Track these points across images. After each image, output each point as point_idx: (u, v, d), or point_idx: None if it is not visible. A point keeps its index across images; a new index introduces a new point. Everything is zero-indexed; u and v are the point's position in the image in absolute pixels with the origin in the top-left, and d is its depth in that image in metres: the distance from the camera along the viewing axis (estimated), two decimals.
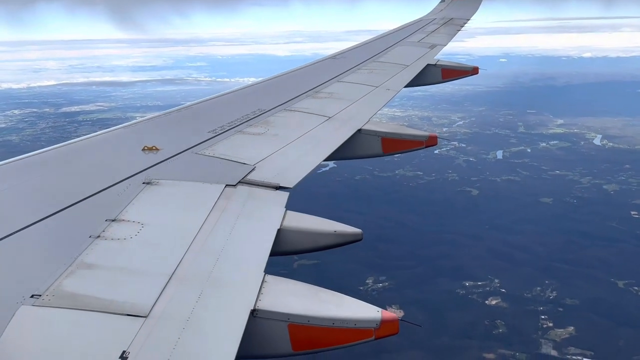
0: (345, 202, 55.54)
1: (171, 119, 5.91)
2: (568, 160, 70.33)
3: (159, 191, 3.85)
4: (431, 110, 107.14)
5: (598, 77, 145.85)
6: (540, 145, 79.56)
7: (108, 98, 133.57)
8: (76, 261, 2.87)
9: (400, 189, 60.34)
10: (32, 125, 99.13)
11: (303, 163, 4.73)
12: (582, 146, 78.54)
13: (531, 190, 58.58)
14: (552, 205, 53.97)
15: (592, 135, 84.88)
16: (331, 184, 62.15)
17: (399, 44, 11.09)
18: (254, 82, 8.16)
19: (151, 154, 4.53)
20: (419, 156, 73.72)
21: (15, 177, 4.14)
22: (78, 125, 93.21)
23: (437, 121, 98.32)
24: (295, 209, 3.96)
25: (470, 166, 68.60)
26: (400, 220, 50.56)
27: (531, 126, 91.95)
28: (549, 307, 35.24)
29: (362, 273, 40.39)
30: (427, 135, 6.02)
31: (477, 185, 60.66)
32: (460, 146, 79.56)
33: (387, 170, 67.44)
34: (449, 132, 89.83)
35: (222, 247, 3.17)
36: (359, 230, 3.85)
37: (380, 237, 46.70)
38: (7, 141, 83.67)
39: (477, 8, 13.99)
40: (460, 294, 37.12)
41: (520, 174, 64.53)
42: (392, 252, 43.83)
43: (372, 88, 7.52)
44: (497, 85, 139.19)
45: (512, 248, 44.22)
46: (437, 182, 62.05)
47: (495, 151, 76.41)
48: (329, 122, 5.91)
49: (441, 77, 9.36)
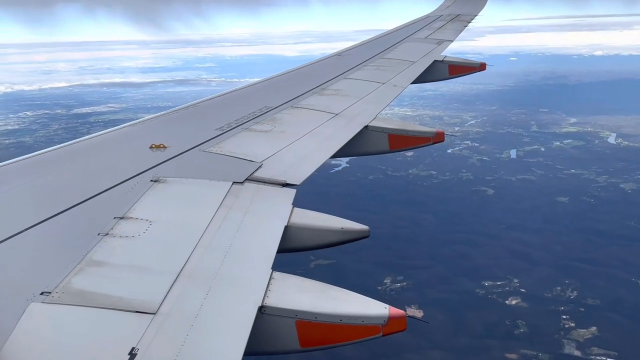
0: (359, 202, 55.40)
1: (178, 116, 5.92)
2: (583, 159, 69.67)
3: (166, 189, 3.85)
4: (442, 110, 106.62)
5: (610, 75, 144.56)
6: (554, 144, 78.89)
7: (119, 99, 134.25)
8: (85, 258, 2.88)
9: (414, 188, 60.05)
10: (45, 126, 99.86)
11: (310, 160, 4.72)
12: (597, 145, 77.76)
13: (547, 189, 58.09)
14: (568, 205, 53.49)
15: (606, 134, 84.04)
16: (344, 183, 62.07)
17: (405, 41, 11.02)
18: (261, 80, 8.08)
19: (159, 151, 4.54)
20: (431, 155, 73.58)
21: (24, 175, 4.16)
22: (90, 126, 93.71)
23: (449, 120, 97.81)
24: (309, 208, 3.95)
25: (484, 165, 68.15)
26: (415, 219, 50.31)
27: (544, 125, 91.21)
28: (570, 307, 34.91)
29: (379, 273, 40.21)
30: (434, 131, 5.91)
31: (492, 184, 60.24)
32: (473, 145, 79.10)
33: (401, 169, 67.16)
34: (461, 131, 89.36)
35: (229, 244, 3.18)
36: (365, 227, 3.84)
37: (396, 237, 46.52)
38: (21, 142, 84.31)
39: (484, 4, 13.94)
40: (479, 293, 36.86)
41: (535, 173, 64.01)
42: (408, 251, 43.62)
43: (379, 85, 7.47)
44: (508, 84, 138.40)
45: (529, 247, 43.86)
46: (452, 182, 61.68)
47: (509, 150, 75.84)
48: (335, 119, 5.88)
49: (448, 73, 9.29)
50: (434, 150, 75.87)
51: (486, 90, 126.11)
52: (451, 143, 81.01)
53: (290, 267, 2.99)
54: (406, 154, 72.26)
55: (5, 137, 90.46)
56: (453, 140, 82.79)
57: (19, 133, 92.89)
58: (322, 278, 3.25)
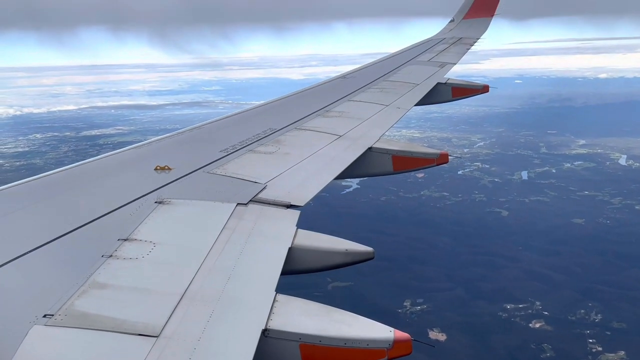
0: (373, 223, 55.07)
1: (183, 138, 5.95)
2: (595, 180, 69.40)
3: (171, 210, 3.85)
4: (450, 132, 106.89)
5: (616, 98, 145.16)
6: (565, 165, 78.75)
7: (127, 121, 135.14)
8: (89, 281, 2.88)
9: (427, 210, 59.77)
10: (55, 148, 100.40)
11: (314, 181, 4.70)
12: (608, 166, 77.54)
13: (562, 211, 57.71)
14: (585, 227, 53.05)
15: (616, 156, 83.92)
16: (357, 204, 61.86)
17: (408, 63, 11.08)
18: (265, 102, 8.14)
19: (163, 173, 4.56)
20: (442, 177, 73.50)
21: (30, 197, 4.19)
22: (100, 148, 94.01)
23: (457, 142, 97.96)
24: (322, 229, 3.90)
25: (496, 187, 67.93)
26: (431, 241, 49.90)
27: (553, 147, 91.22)
28: (596, 330, 34.27)
29: (399, 295, 39.69)
30: (438, 153, 5.87)
31: (506, 206, 59.94)
32: (483, 167, 79.02)
33: (413, 191, 67.00)
34: (470, 152, 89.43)
35: (233, 266, 3.16)
36: (370, 249, 3.71)
37: (413, 259, 46.11)
38: (31, 164, 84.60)
39: (487, 28, 13.97)
40: (502, 316, 36.27)
41: (548, 195, 63.72)
42: (426, 273, 43.13)
43: (383, 107, 7.49)
44: (514, 106, 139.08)
45: (549, 270, 43.32)
46: (465, 203, 61.41)
47: (520, 172, 75.72)
48: (339, 140, 5.89)
49: (451, 95, 9.35)
50: (445, 172, 75.86)
51: (492, 113, 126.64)
52: (461, 164, 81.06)
53: (307, 289, 2.88)
54: (417, 176, 72.29)
55: (15, 159, 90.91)
56: (463, 161, 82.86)
57: (29, 155, 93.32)
58: (340, 300, 3.11)
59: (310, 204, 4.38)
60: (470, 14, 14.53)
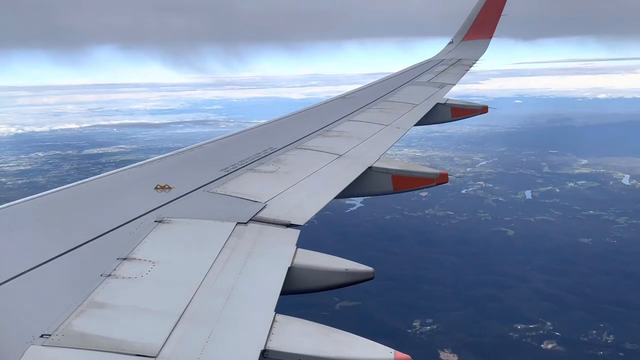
0: (378, 242, 54.79)
1: (184, 158, 5.98)
2: (599, 200, 69.38)
3: (170, 229, 3.85)
4: (452, 151, 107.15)
5: (616, 118, 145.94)
6: (568, 185, 78.83)
7: (129, 140, 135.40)
8: (87, 300, 2.87)
9: (432, 229, 59.55)
10: (57, 167, 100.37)
11: (314, 201, 4.69)
12: (612, 186, 77.62)
13: (567, 230, 57.55)
14: (592, 246, 52.82)
15: (619, 175, 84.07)
16: (362, 223, 61.63)
17: (408, 84, 11.15)
18: (266, 122, 8.21)
19: (164, 192, 4.58)
20: (446, 196, 73.46)
21: (29, 215, 4.21)
22: (102, 166, 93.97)
23: (460, 161, 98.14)
24: (326, 248, 3.91)
25: (500, 206, 67.85)
26: (438, 260, 49.57)
27: (555, 166, 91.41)
28: (609, 351, 33.85)
29: (407, 315, 39.25)
30: (438, 172, 5.87)
31: (512, 225, 59.78)
32: (487, 186, 79.03)
33: (417, 209, 66.87)
34: (472, 172, 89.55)
35: (232, 286, 3.14)
36: (370, 269, 3.66)
37: (421, 278, 45.76)
38: (34, 182, 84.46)
39: (485, 49, 14.05)
40: (513, 337, 35.83)
41: (553, 214, 63.60)
42: (435, 293, 42.74)
43: (382, 126, 7.53)
44: (514, 125, 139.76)
45: (558, 290, 42.98)
46: (470, 222, 61.23)
47: (524, 191, 75.73)
48: (339, 160, 5.90)
49: (451, 115, 9.42)
50: (448, 191, 75.86)
51: (493, 132, 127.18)
52: (464, 183, 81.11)
53: (314, 308, 2.80)
54: (420, 194, 72.30)
55: (18, 177, 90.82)
56: (466, 180, 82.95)
57: (31, 173, 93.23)
58: (348, 320, 3.05)
59: (314, 223, 4.35)
60: (469, 36, 14.66)
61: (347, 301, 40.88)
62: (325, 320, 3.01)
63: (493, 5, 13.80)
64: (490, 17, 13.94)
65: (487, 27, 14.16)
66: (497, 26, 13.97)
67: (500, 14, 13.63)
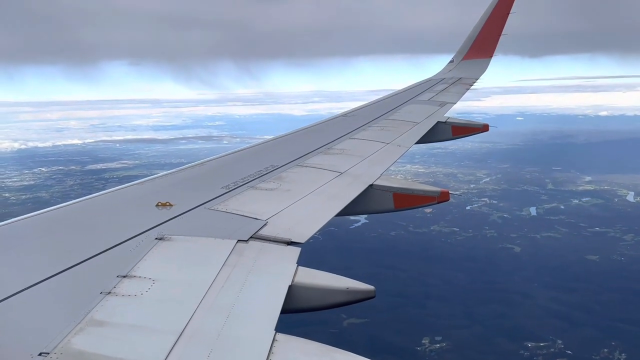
0: (384, 258, 54.51)
1: (185, 175, 6.00)
2: (605, 217, 69.18)
3: (171, 247, 3.85)
4: (455, 167, 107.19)
5: (618, 135, 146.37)
6: (573, 202, 78.68)
7: (132, 156, 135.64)
8: (86, 318, 2.85)
9: (438, 245, 59.27)
10: (60, 182, 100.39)
11: (315, 218, 4.67)
12: (617, 203, 77.45)
13: (574, 247, 57.26)
14: (599, 263, 52.48)
15: (624, 192, 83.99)
16: (367, 239, 61.36)
17: (409, 102, 11.21)
18: (267, 139, 8.25)
19: (165, 209, 4.58)
20: (451, 212, 73.26)
21: (30, 232, 4.20)
22: (105, 182, 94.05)
23: (463, 178, 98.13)
24: (332, 264, 3.79)
25: (506, 223, 67.66)
26: (445, 277, 49.22)
27: (559, 183, 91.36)
28: None
29: (416, 332, 38.86)
30: (438, 191, 5.87)
31: (518, 242, 59.53)
32: (491, 202, 78.90)
33: (422, 226, 66.64)
34: (476, 188, 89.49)
35: (232, 304, 3.12)
36: (371, 287, 3.63)
37: (428, 295, 45.39)
38: (37, 197, 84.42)
39: (486, 68, 14.18)
40: (524, 355, 35.43)
41: (559, 231, 63.36)
42: (443, 310, 42.35)
43: (384, 144, 7.56)
44: (517, 142, 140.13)
45: (567, 307, 42.60)
46: (476, 239, 60.96)
47: (529, 208, 75.59)
48: (340, 177, 5.89)
49: (451, 134, 9.49)
50: (453, 207, 75.68)
51: (496, 149, 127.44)
52: (469, 200, 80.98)
53: (322, 325, 2.71)
54: (425, 211, 72.17)
55: (21, 192, 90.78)
56: (471, 197, 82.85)
57: (34, 188, 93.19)
58: (356, 338, 2.95)
59: (319, 239, 4.27)
60: (470, 55, 14.77)
61: (355, 318, 40.48)
62: (333, 337, 2.95)
63: (493, 25, 13.92)
64: (490, 37, 14.08)
65: (487, 47, 14.29)
66: (498, 45, 14.09)
67: (500, 34, 13.76)
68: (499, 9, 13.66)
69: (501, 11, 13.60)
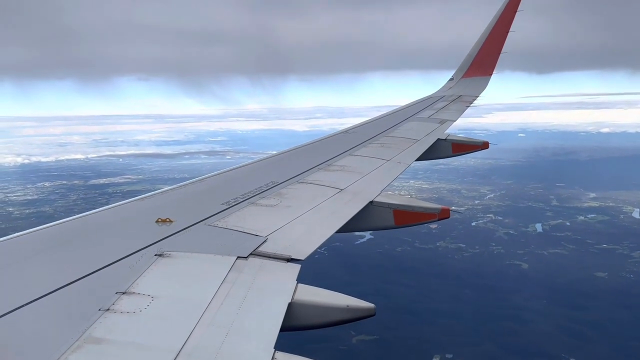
0: (391, 275, 54.18)
1: (186, 191, 6.02)
2: (611, 233, 68.94)
3: (170, 263, 3.84)
4: (458, 183, 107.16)
5: (620, 152, 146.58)
6: (579, 218, 78.48)
7: (135, 171, 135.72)
8: (84, 335, 2.82)
9: (445, 261, 58.95)
10: (64, 197, 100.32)
11: (315, 235, 4.66)
12: (623, 220, 77.26)
13: (582, 264, 56.95)
14: (609, 280, 52.13)
15: (629, 209, 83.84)
16: (373, 255, 61.09)
17: (409, 120, 11.25)
18: (268, 156, 8.28)
19: (165, 225, 4.58)
20: (456, 228, 73.12)
21: (30, 248, 4.19)
22: (109, 197, 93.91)
23: (467, 194, 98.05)
24: (340, 279, 3.74)
25: (512, 239, 67.41)
26: (454, 294, 48.83)
27: (564, 199, 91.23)
28: None
29: (426, 350, 38.44)
30: (439, 208, 5.84)
31: (525, 258, 59.25)
32: (497, 219, 78.73)
33: (428, 242, 66.40)
34: (481, 204, 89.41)
35: (231, 322, 3.10)
36: (372, 305, 3.60)
37: (437, 312, 44.98)
38: (41, 212, 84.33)
39: (485, 86, 14.24)
40: None
41: (566, 248, 63.08)
42: (453, 327, 41.92)
43: (384, 161, 7.57)
44: (519, 159, 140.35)
45: (579, 324, 42.19)
46: (483, 255, 60.67)
47: (534, 224, 75.38)
48: (341, 194, 5.90)
49: (451, 151, 9.51)
50: (458, 223, 75.54)
51: (498, 165, 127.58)
52: (474, 216, 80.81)
53: (331, 342, 2.60)
54: (430, 227, 71.90)
55: (25, 206, 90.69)
56: (475, 213, 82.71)
57: (38, 203, 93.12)
58: (366, 355, 2.84)
59: (325, 255, 4.19)
60: (469, 73, 14.86)
61: (364, 335, 40.07)
62: (342, 354, 2.89)
63: (493, 44, 14.02)
64: (490, 55, 14.19)
65: (487, 65, 14.39)
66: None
67: (499, 52, 13.85)
68: (499, 28, 13.77)
69: (501, 30, 13.71)
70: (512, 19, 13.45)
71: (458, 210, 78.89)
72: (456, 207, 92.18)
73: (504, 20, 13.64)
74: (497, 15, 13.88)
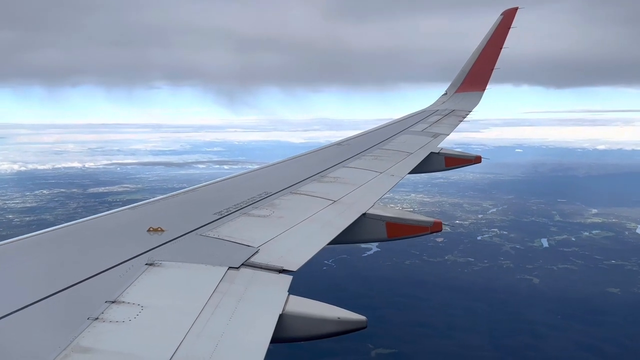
0: (401, 288, 53.83)
1: (178, 200, 5.96)
2: (618, 249, 69.18)
3: (161, 273, 3.80)
4: (459, 197, 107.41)
5: (618, 169, 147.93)
6: (583, 234, 78.82)
7: (133, 180, 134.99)
8: (72, 344, 2.77)
9: (456, 275, 58.69)
10: (63, 205, 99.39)
11: (307, 246, 4.62)
12: (627, 236, 77.63)
13: (593, 279, 56.91)
14: (621, 296, 52.05)
15: (632, 225, 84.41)
16: (382, 267, 60.76)
17: (402, 133, 11.34)
18: (261, 166, 8.28)
19: (156, 235, 4.52)
20: (463, 242, 73.15)
21: (17, 256, 4.12)
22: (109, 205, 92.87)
23: (469, 208, 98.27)
24: (351, 291, 3.52)
25: (520, 254, 67.40)
26: (468, 307, 48.47)
27: (567, 215, 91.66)
28: None
29: None
30: (431, 221, 5.82)
31: (535, 273, 59.17)
32: (502, 233, 78.86)
33: (436, 255, 66.25)
34: (484, 218, 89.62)
35: (221, 332, 3.06)
36: (363, 318, 3.57)
37: (453, 326, 44.55)
38: (41, 220, 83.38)
39: (479, 101, 14.29)
40: None
41: (575, 263, 63.10)
42: (470, 341, 41.51)
43: (377, 174, 7.56)
44: (517, 174, 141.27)
45: (596, 340, 41.92)
46: (493, 269, 60.51)
47: (540, 239, 75.56)
48: (334, 205, 5.86)
49: (444, 165, 9.61)
50: (464, 237, 75.60)
51: (498, 180, 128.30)
52: (479, 230, 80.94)
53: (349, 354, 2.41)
54: (437, 240, 71.77)
55: (25, 214, 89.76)
56: (480, 227, 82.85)
57: (38, 211, 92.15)
58: None
59: (333, 266, 3.90)
60: (463, 88, 14.94)
61: (383, 348, 39.55)
62: None
63: (486, 59, 14.11)
64: (483, 71, 14.28)
65: (480, 80, 14.46)
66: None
67: (493, 68, 13.94)
68: (492, 44, 13.87)
69: (494, 45, 13.80)
70: (505, 35, 13.57)
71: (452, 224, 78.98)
72: (460, 220, 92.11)
73: (497, 36, 13.75)
74: (491, 31, 14.02)
